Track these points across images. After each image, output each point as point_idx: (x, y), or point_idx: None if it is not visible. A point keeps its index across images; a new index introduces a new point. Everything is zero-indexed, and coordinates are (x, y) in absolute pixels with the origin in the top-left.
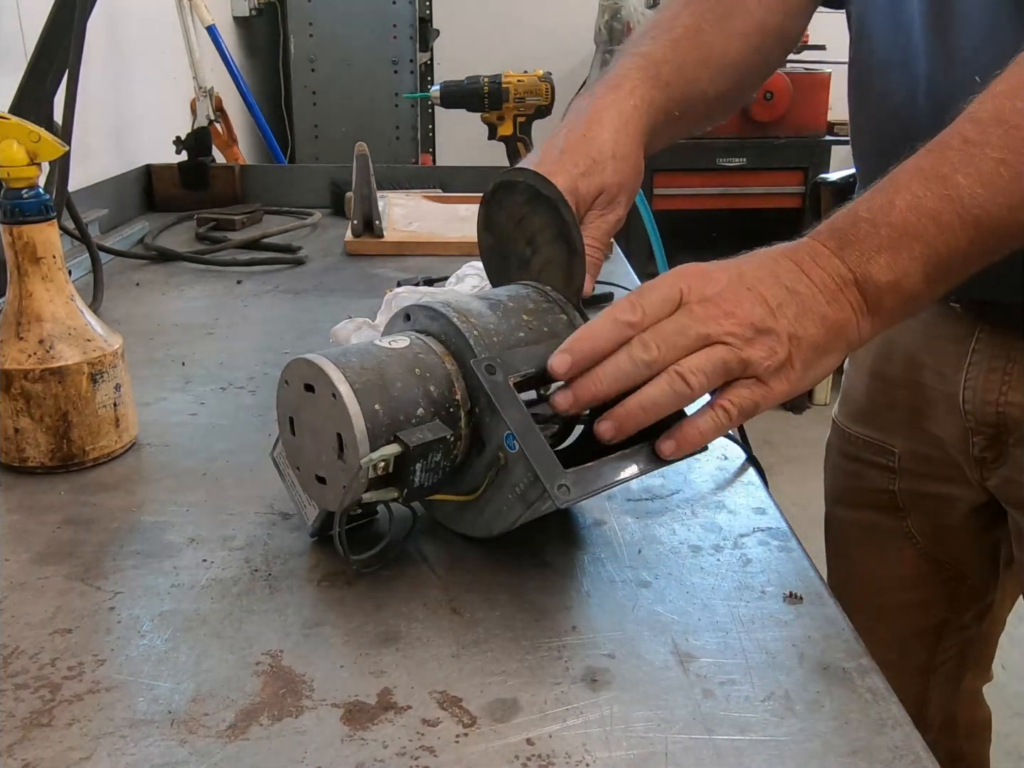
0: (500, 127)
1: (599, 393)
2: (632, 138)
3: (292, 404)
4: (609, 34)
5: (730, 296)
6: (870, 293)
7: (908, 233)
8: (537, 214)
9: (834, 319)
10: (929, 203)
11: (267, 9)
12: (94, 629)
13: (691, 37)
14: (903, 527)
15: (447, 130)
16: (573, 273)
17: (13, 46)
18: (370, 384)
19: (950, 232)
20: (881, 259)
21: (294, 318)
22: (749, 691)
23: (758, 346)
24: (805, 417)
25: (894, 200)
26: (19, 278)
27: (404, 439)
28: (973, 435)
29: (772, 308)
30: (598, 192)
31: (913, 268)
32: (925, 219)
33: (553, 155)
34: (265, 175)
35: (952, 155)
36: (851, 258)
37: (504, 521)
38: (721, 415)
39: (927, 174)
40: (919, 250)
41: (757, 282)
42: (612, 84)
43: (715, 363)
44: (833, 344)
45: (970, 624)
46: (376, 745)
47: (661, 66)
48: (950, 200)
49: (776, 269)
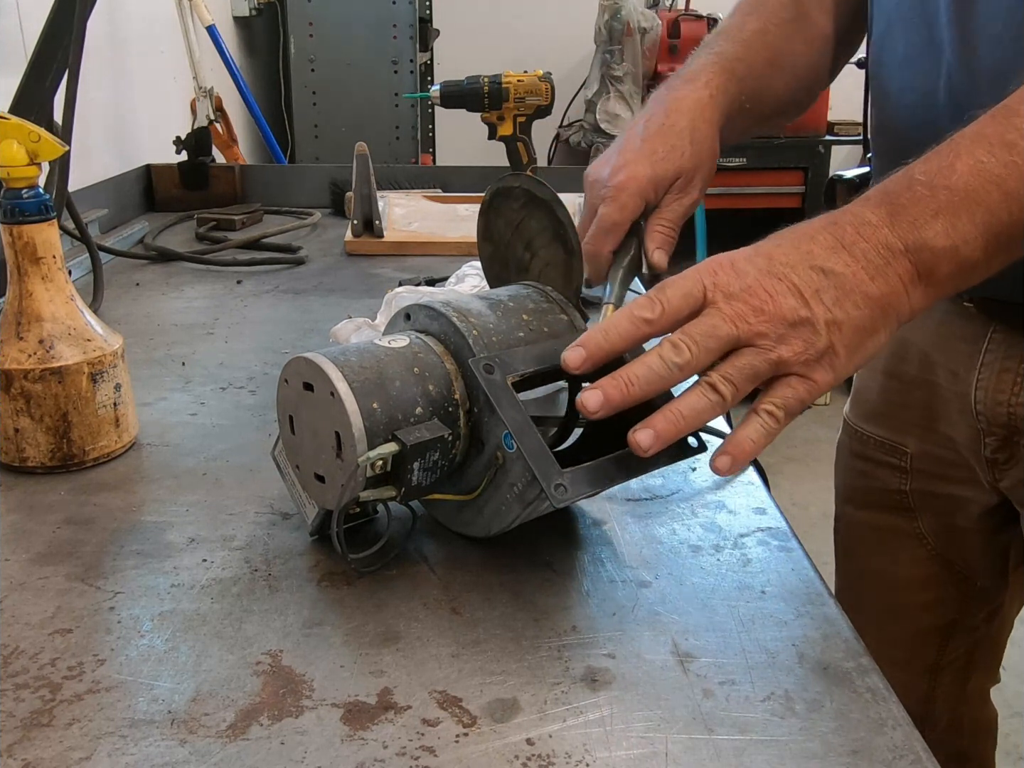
0: (500, 127)
1: (631, 395)
2: (708, 124)
3: (292, 403)
4: (609, 34)
5: (758, 290)
6: (924, 260)
7: (970, 197)
8: (534, 217)
9: (879, 295)
10: (994, 168)
11: (267, 9)
12: (94, 629)
13: (760, 39)
14: (914, 527)
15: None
16: (571, 273)
17: (13, 46)
18: (368, 383)
19: (1015, 200)
20: (938, 223)
21: (294, 318)
22: (749, 691)
23: (793, 341)
24: (805, 417)
25: (955, 164)
26: (19, 278)
27: (401, 438)
28: (985, 436)
29: (806, 297)
30: (675, 176)
31: (973, 235)
32: (989, 184)
33: (635, 143)
34: (265, 175)
35: (1019, 121)
36: (902, 225)
37: (502, 521)
38: (767, 419)
39: (991, 139)
40: (980, 216)
41: (788, 269)
42: (689, 77)
43: (742, 370)
44: (881, 322)
45: (979, 625)
46: (376, 745)
47: (735, 63)
48: (1016, 167)
49: (811, 248)
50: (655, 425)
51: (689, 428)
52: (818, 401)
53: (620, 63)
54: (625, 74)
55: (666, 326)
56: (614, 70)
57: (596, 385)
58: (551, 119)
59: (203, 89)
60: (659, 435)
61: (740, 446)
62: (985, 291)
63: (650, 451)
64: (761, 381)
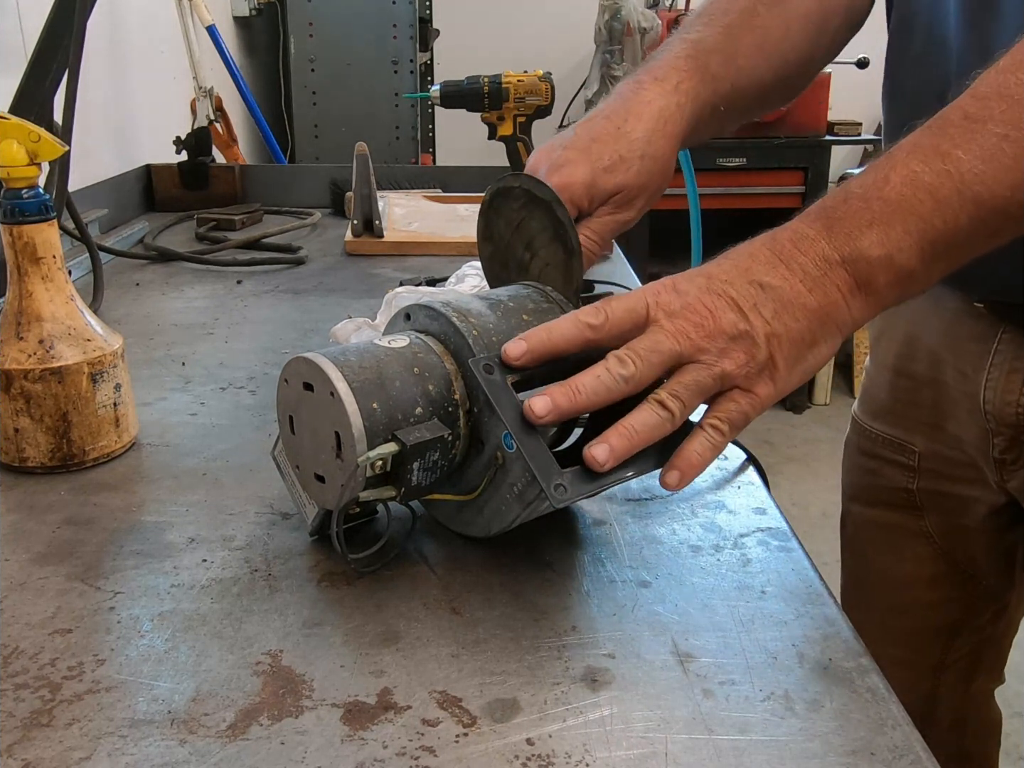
0: (500, 127)
1: (578, 403)
2: (668, 139)
3: (292, 402)
4: (609, 34)
5: (698, 306)
6: (860, 270)
7: (902, 207)
8: (534, 217)
9: (817, 307)
10: (926, 178)
11: (267, 9)
12: (94, 629)
13: (745, 22)
14: (920, 526)
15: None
16: (571, 273)
17: (13, 46)
18: (368, 383)
19: (948, 208)
20: (872, 233)
21: (294, 318)
22: (749, 691)
23: (734, 354)
24: (805, 417)
25: (889, 176)
26: (19, 278)
27: (401, 438)
28: (993, 436)
29: (744, 310)
30: (616, 190)
31: (907, 243)
32: (921, 193)
33: (584, 142)
34: (265, 175)
35: (952, 131)
36: (838, 237)
37: (502, 521)
38: (712, 433)
39: (926, 150)
40: (914, 224)
41: (727, 285)
42: (658, 75)
43: (688, 386)
44: (821, 333)
45: (984, 626)
46: (376, 745)
47: (711, 56)
48: (949, 176)
49: (750, 265)
50: (610, 440)
51: (643, 443)
52: (819, 401)
53: (620, 63)
54: (625, 74)
55: (608, 336)
56: (614, 70)
57: (546, 391)
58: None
59: (203, 89)
60: (614, 450)
61: (688, 460)
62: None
63: (606, 466)
64: (708, 395)
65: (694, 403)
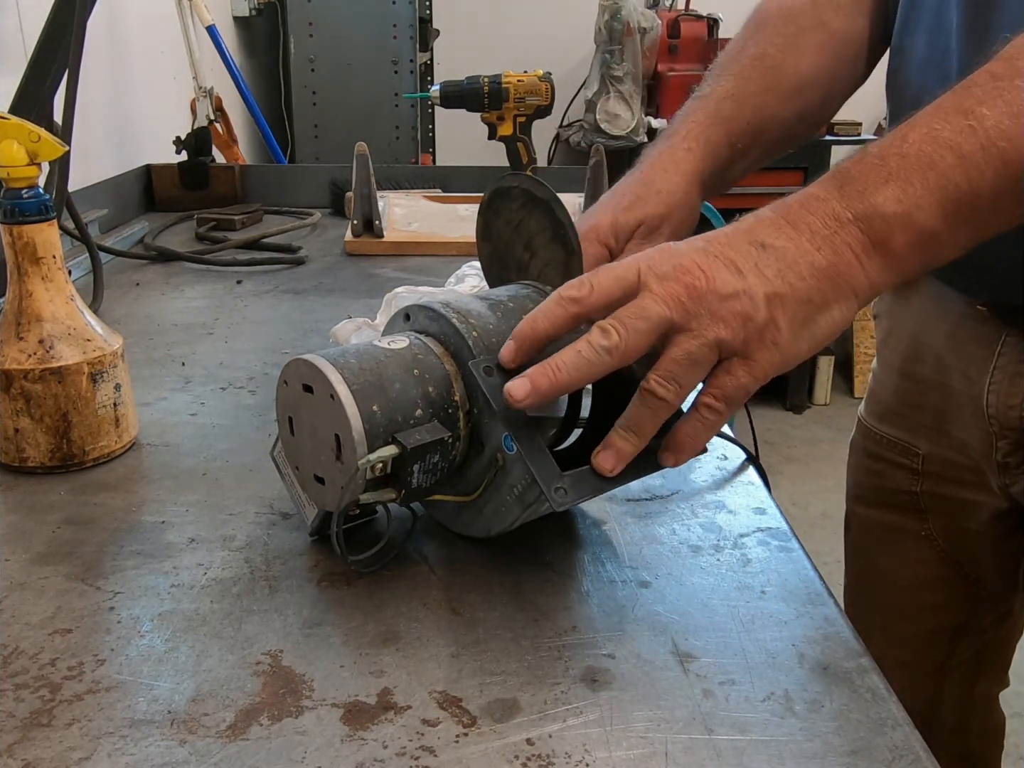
0: (500, 127)
1: (559, 381)
2: (682, 176)
3: (291, 404)
4: (609, 34)
5: (691, 267)
6: (875, 228)
7: (922, 163)
8: (533, 218)
9: (826, 265)
10: (947, 134)
11: (267, 9)
12: (94, 629)
13: (755, 66)
14: (924, 529)
15: (447, 130)
16: (571, 273)
17: (13, 46)
18: (368, 385)
19: (972, 164)
20: (888, 189)
21: (294, 318)
22: (749, 691)
23: (727, 317)
24: (805, 417)
25: (908, 135)
26: (19, 278)
27: (402, 440)
28: (997, 440)
29: (743, 270)
30: (637, 224)
31: (927, 200)
32: (942, 149)
33: (607, 196)
34: (265, 175)
35: (977, 90)
36: (850, 195)
37: (503, 522)
38: (707, 413)
39: (947, 109)
40: (934, 180)
41: (725, 247)
42: (669, 132)
43: (679, 362)
44: (832, 294)
45: (987, 629)
46: (376, 745)
47: (722, 102)
48: (972, 131)
49: (753, 227)
50: (613, 444)
51: (647, 437)
52: (819, 401)
53: (620, 63)
54: (625, 74)
55: (595, 306)
56: (614, 70)
57: (525, 374)
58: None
59: (203, 89)
60: (619, 453)
61: (680, 444)
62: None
63: (615, 471)
64: (705, 368)
65: (690, 380)
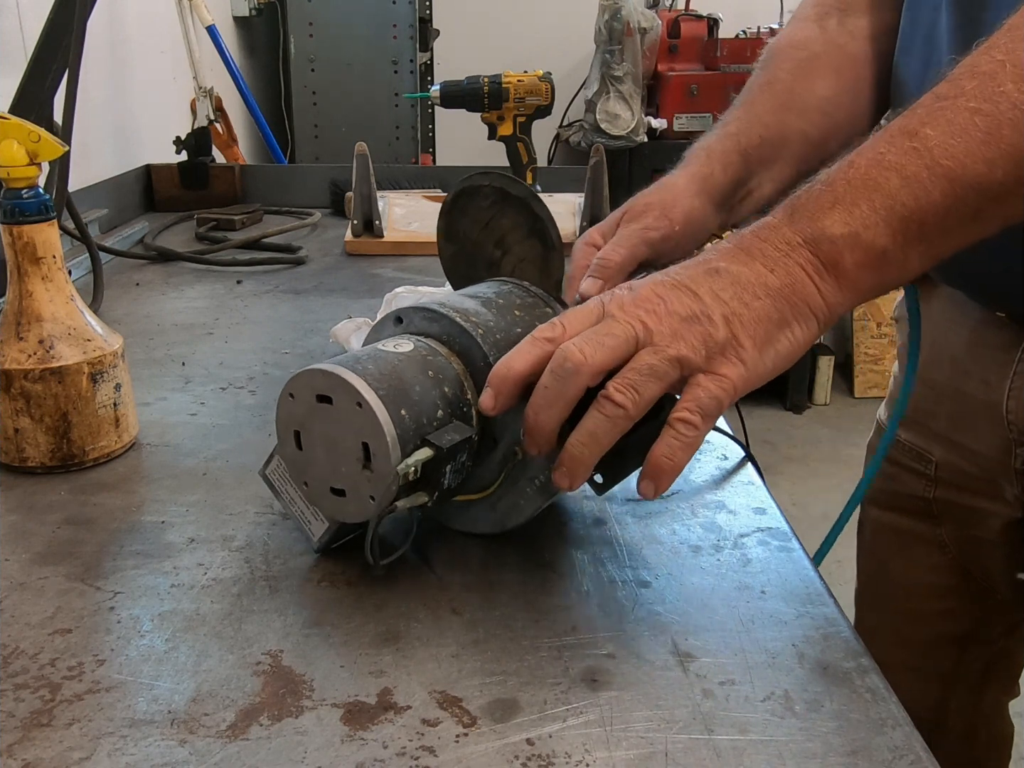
0: (500, 127)
1: (541, 424)
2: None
3: (299, 417)
4: (609, 34)
5: (651, 296)
6: (824, 250)
7: (867, 186)
8: (506, 215)
9: (781, 285)
10: (891, 157)
11: (267, 9)
12: (94, 629)
13: (763, 91)
14: (936, 535)
15: (447, 130)
16: (550, 267)
17: (13, 46)
18: (392, 390)
19: (917, 184)
20: (834, 214)
21: (294, 318)
22: (749, 691)
23: (687, 336)
24: (805, 417)
25: (854, 160)
26: (19, 278)
27: (435, 442)
28: (1016, 447)
29: (700, 294)
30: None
31: (873, 220)
32: (887, 172)
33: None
34: (265, 175)
35: (921, 111)
36: (800, 221)
37: (520, 515)
38: (683, 430)
39: (892, 132)
40: (879, 201)
41: (681, 275)
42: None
43: (639, 371)
44: (790, 312)
45: (997, 639)
46: (376, 745)
47: (728, 124)
48: (916, 152)
49: (709, 257)
50: (564, 462)
51: (597, 453)
52: (819, 401)
53: (620, 63)
54: (625, 74)
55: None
56: (614, 70)
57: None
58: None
59: (203, 89)
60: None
61: (658, 467)
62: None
63: (574, 487)
64: (666, 383)
65: (649, 391)
